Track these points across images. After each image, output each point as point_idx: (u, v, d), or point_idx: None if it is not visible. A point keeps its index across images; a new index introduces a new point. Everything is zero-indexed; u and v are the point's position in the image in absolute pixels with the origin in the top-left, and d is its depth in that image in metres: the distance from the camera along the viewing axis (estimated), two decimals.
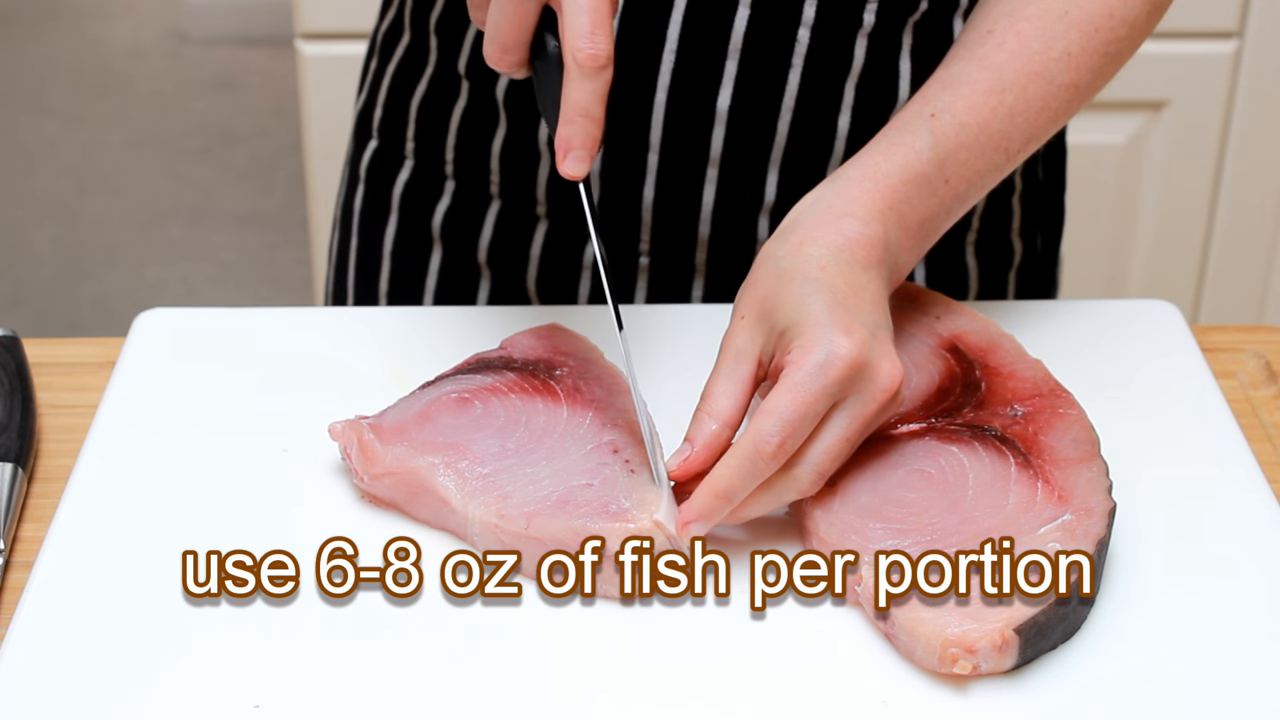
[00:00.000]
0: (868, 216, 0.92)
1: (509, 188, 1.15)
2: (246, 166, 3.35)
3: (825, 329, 0.86)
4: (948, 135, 0.95)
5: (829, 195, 0.93)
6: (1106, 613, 0.86)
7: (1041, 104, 0.97)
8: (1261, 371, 1.08)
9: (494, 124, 1.14)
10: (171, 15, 3.81)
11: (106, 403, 1.00)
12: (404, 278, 1.21)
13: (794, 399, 0.85)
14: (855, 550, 0.86)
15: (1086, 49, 0.98)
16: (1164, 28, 1.10)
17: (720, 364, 0.89)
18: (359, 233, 1.24)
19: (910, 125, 0.95)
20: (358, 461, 0.92)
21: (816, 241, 0.90)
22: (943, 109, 0.96)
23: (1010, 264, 1.20)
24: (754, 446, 0.85)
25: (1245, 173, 2.09)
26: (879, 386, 0.87)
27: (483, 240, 1.17)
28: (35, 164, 3.35)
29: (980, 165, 0.96)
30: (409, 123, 1.19)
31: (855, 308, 0.88)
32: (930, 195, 0.95)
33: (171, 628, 0.85)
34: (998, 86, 0.96)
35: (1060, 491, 0.89)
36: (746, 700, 0.81)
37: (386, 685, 0.82)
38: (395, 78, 1.20)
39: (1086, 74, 0.98)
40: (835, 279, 0.89)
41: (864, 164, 0.94)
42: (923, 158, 0.94)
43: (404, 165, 1.20)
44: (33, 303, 3.00)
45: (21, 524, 0.95)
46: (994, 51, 0.97)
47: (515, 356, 0.99)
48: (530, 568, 0.88)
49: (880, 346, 0.88)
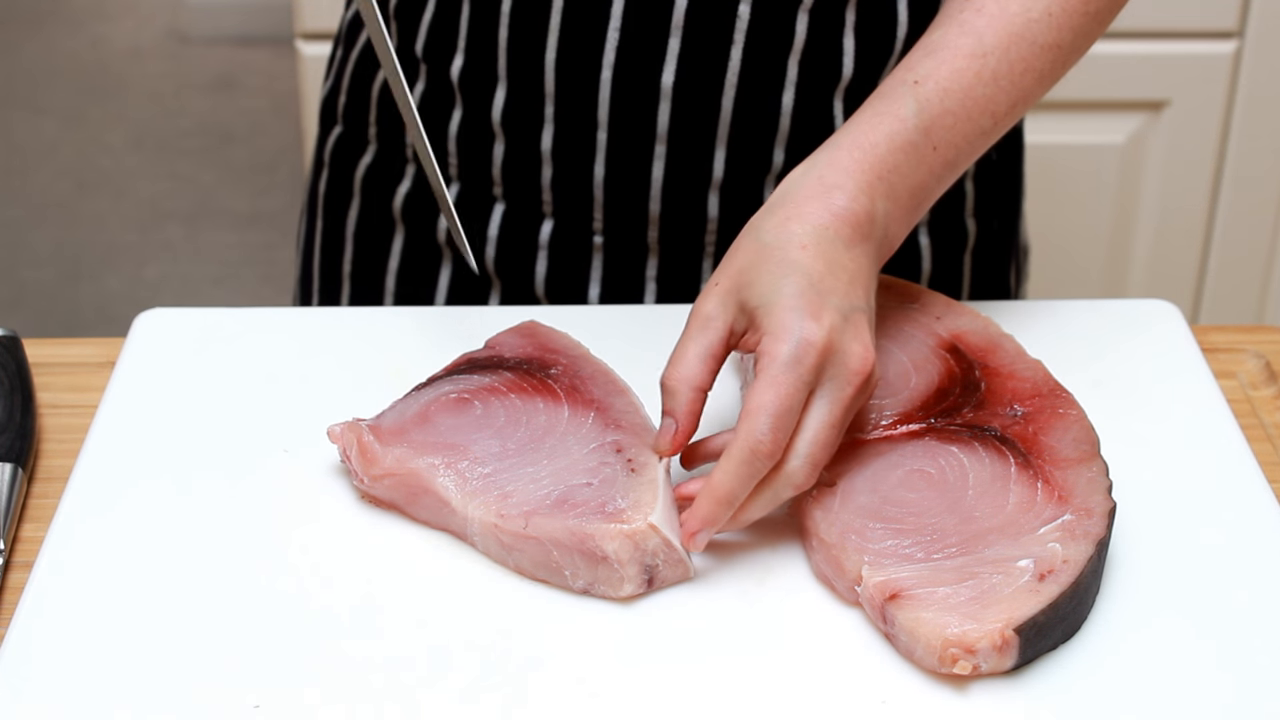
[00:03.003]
0: (856, 189, 0.92)
1: (466, 170, 1.16)
2: (246, 166, 3.35)
3: (793, 314, 0.87)
4: (932, 101, 0.95)
5: (820, 165, 0.93)
6: (1106, 613, 0.86)
7: (1025, 65, 0.98)
8: (1261, 371, 1.08)
9: (450, 107, 1.15)
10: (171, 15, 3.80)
11: (106, 403, 1.00)
12: (367, 260, 1.22)
13: (775, 393, 0.85)
14: (855, 550, 0.86)
15: (1066, 8, 0.98)
16: (1164, 28, 1.10)
17: (689, 329, 0.90)
18: (323, 216, 1.26)
19: (894, 93, 0.96)
20: (357, 463, 0.92)
21: (802, 218, 0.91)
22: (925, 75, 0.96)
23: (965, 245, 1.21)
24: (748, 447, 0.85)
25: (1245, 173, 2.09)
26: (851, 369, 0.87)
27: (442, 222, 1.18)
28: (35, 164, 3.35)
29: (967, 130, 0.97)
30: (371, 107, 1.21)
31: (829, 290, 0.88)
32: (919, 164, 0.95)
33: (171, 628, 0.85)
34: (979, 50, 0.97)
35: (1060, 491, 0.89)
36: (746, 700, 0.81)
37: (386, 685, 0.82)
38: (358, 64, 1.22)
39: (1069, 34, 0.98)
40: (815, 260, 0.89)
41: (852, 133, 0.94)
42: (908, 125, 0.94)
43: (367, 150, 1.22)
44: (33, 303, 3.00)
45: (21, 524, 0.95)
46: (973, 16, 0.97)
47: (506, 355, 0.99)
48: (531, 568, 0.88)
49: (851, 330, 0.88)
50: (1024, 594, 0.83)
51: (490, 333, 1.02)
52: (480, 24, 1.11)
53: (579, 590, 0.87)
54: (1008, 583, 0.84)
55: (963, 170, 0.98)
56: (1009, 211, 1.25)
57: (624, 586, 0.87)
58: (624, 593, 0.87)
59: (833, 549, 0.87)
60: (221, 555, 0.89)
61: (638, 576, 0.87)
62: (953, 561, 0.85)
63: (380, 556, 0.90)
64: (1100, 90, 2.01)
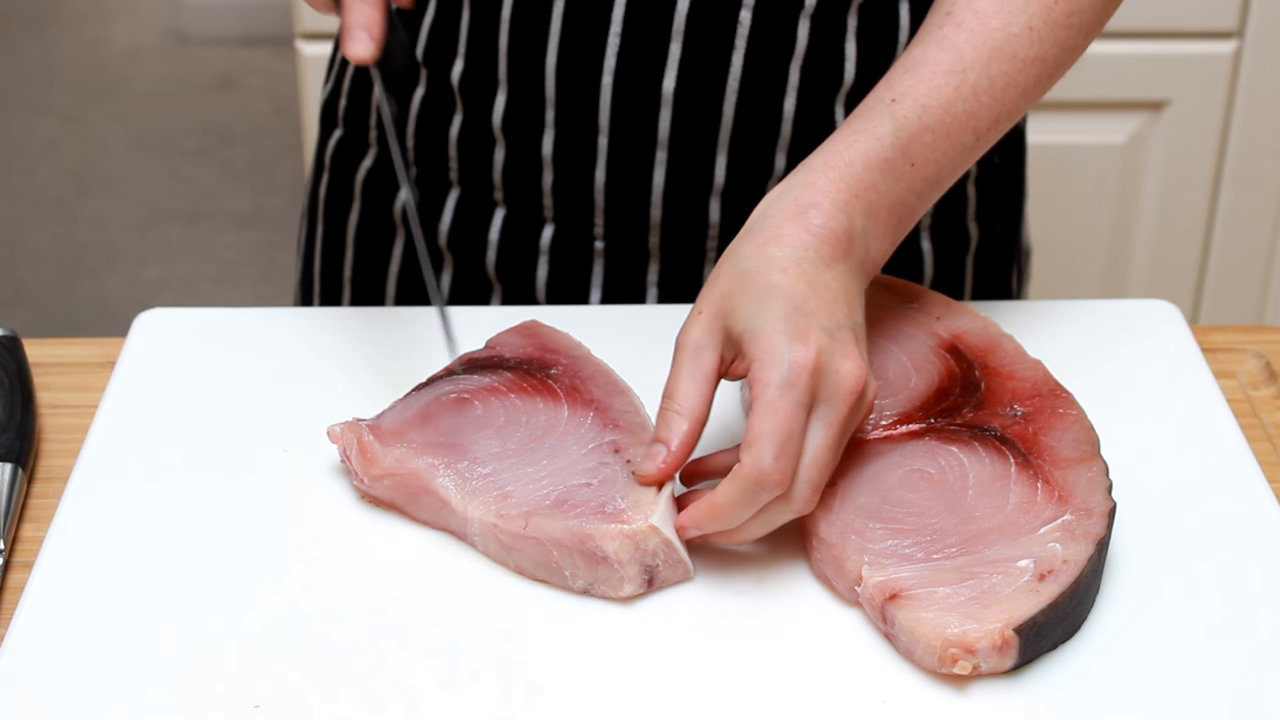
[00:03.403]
0: (832, 207, 0.91)
1: (467, 174, 1.16)
2: (246, 166, 3.35)
3: (780, 338, 0.86)
4: (909, 119, 0.94)
5: (795, 186, 0.92)
6: (1106, 613, 0.86)
7: (1006, 80, 0.97)
8: (1261, 371, 1.08)
9: (451, 111, 1.15)
10: (171, 15, 3.80)
11: (106, 403, 1.00)
12: (368, 264, 1.22)
13: (775, 419, 0.84)
14: (855, 550, 0.86)
15: (1048, 21, 0.97)
16: (1164, 28, 1.10)
17: (680, 360, 0.89)
18: (324, 220, 1.25)
19: (872, 112, 0.95)
20: (357, 463, 0.92)
21: (781, 240, 0.90)
22: (903, 93, 0.95)
23: (967, 249, 1.20)
24: (754, 476, 0.84)
25: (1245, 173, 2.09)
26: (844, 388, 0.86)
27: (443, 226, 1.18)
28: (35, 164, 3.35)
29: (947, 146, 0.96)
30: (371, 111, 1.20)
31: (814, 312, 0.87)
32: (897, 180, 0.94)
33: (171, 628, 0.85)
34: (958, 66, 0.96)
35: (1060, 491, 0.89)
36: (746, 699, 0.81)
37: (386, 685, 0.82)
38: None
39: (1052, 47, 0.98)
40: (796, 282, 0.88)
41: (827, 153, 0.94)
42: (885, 143, 0.94)
43: (367, 153, 1.21)
44: (33, 303, 3.00)
45: (21, 524, 0.95)
46: (953, 31, 0.97)
47: (506, 355, 0.99)
48: (531, 568, 0.88)
49: (840, 348, 0.87)
50: (1024, 594, 0.83)
51: (490, 333, 1.02)
52: (481, 29, 1.11)
53: (579, 590, 0.87)
54: (1008, 583, 0.84)
55: (948, 185, 0.97)
56: (1011, 215, 1.25)
57: (624, 587, 0.87)
58: (624, 593, 0.87)
59: (833, 549, 0.87)
60: (221, 555, 0.89)
61: (638, 577, 0.87)
62: (953, 561, 0.85)
63: (380, 556, 0.90)
64: (1100, 90, 2.01)
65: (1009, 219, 1.24)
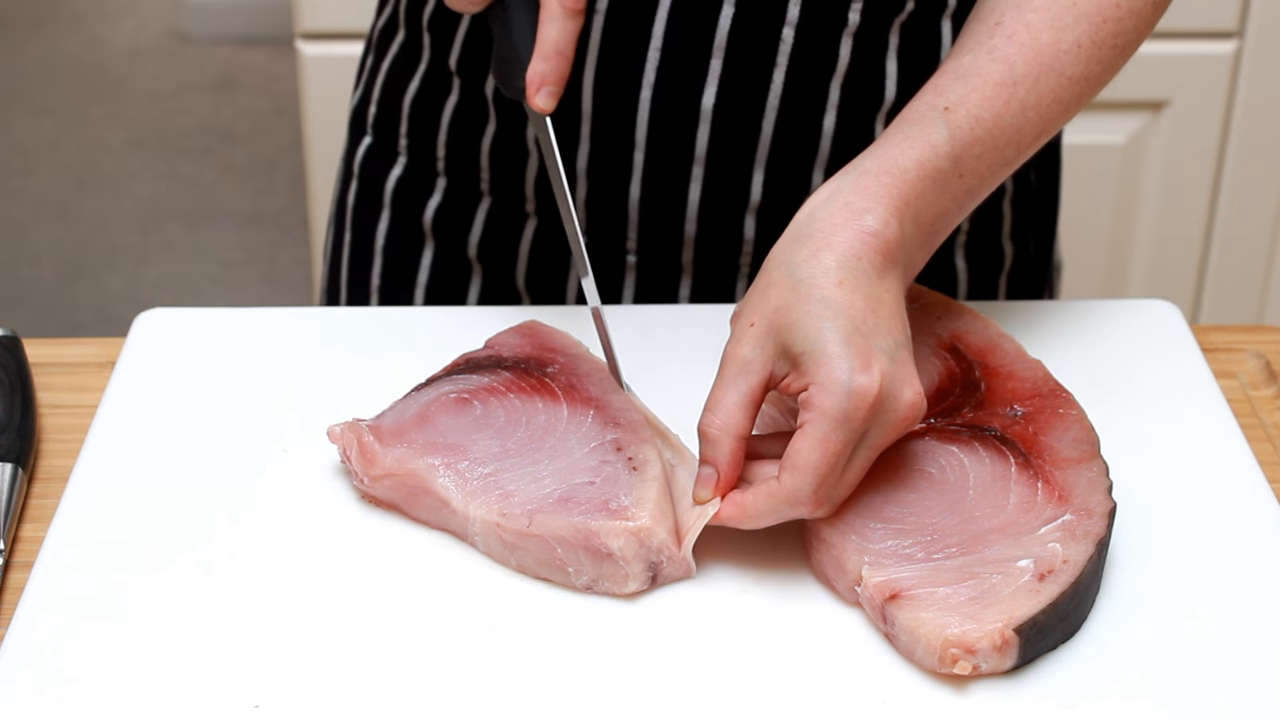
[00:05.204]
0: (885, 214, 0.89)
1: (499, 185, 1.15)
2: (246, 166, 3.35)
3: (843, 364, 0.85)
4: (963, 129, 0.93)
5: (846, 189, 0.90)
6: (1106, 613, 0.86)
7: (1053, 97, 0.96)
8: (1261, 371, 1.08)
9: (484, 121, 1.14)
10: (171, 15, 3.80)
11: (106, 403, 1.00)
12: (396, 273, 1.21)
13: (823, 454, 0.84)
14: (855, 550, 0.86)
15: (1096, 40, 0.96)
16: (1164, 28, 1.10)
17: (726, 373, 0.88)
18: (352, 228, 1.24)
19: (925, 118, 0.93)
20: (357, 464, 0.92)
21: (833, 248, 0.88)
22: (957, 101, 0.94)
23: (1001, 267, 1.19)
24: (789, 501, 0.85)
25: (1245, 173, 2.09)
26: (900, 416, 0.86)
27: (473, 237, 1.17)
28: (35, 164, 3.35)
29: (993, 160, 0.95)
30: (402, 119, 1.19)
31: (873, 331, 0.86)
32: (945, 191, 0.93)
33: (171, 627, 0.85)
34: (1010, 79, 0.94)
35: (1060, 491, 0.89)
36: (746, 700, 0.81)
37: (387, 685, 0.82)
38: (389, 75, 1.20)
39: (1096, 66, 0.97)
40: (853, 297, 0.87)
41: (880, 157, 0.92)
42: (939, 152, 0.92)
43: (397, 161, 1.20)
44: (33, 303, 3.00)
45: (21, 524, 0.95)
46: (1004, 43, 0.95)
47: (505, 355, 0.99)
48: (534, 566, 0.88)
49: (900, 371, 0.86)
50: (1024, 594, 0.83)
51: (490, 332, 1.02)
52: None
53: (582, 588, 0.87)
54: (1008, 583, 0.84)
55: (981, 199, 0.96)
56: (1045, 233, 1.23)
57: (628, 583, 0.87)
58: (628, 590, 0.87)
59: (833, 549, 0.87)
60: (221, 555, 0.89)
61: (642, 573, 0.87)
62: (953, 561, 0.85)
63: (380, 556, 0.90)
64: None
65: (1043, 237, 1.23)
